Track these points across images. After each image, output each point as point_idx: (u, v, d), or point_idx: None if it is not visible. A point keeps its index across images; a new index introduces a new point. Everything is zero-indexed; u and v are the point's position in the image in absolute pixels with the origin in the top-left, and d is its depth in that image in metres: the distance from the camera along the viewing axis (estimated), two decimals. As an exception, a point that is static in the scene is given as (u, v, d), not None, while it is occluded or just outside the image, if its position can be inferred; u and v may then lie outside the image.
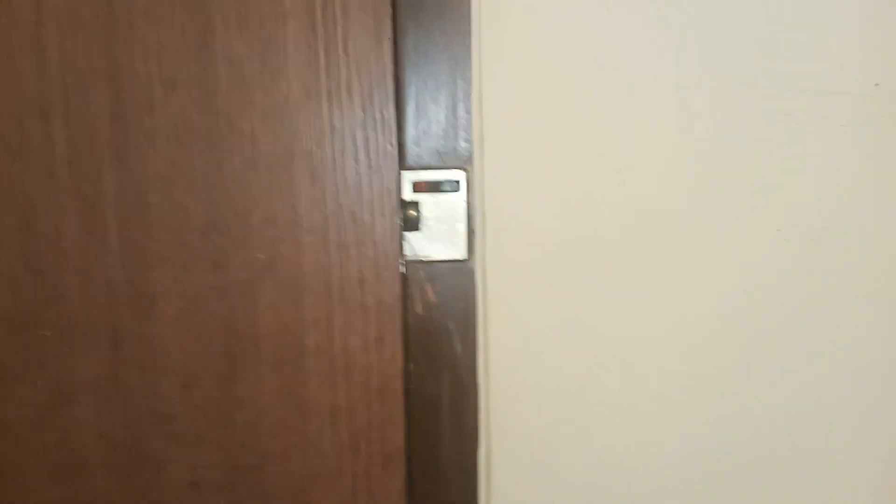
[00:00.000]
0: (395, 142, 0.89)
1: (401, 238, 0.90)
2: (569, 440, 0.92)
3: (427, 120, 0.89)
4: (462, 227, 0.89)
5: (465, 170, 0.89)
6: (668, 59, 0.86)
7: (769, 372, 0.91)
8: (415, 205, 0.90)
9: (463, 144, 0.89)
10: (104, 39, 0.89)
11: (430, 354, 0.90)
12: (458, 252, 0.89)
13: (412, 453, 0.91)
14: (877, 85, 0.84)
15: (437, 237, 0.89)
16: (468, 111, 0.89)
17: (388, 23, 0.88)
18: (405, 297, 0.90)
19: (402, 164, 0.89)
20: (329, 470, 0.91)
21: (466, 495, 0.92)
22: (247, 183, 0.90)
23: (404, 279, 0.90)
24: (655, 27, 0.86)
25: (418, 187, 0.89)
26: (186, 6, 0.89)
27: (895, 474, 0.93)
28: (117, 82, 0.90)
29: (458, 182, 0.89)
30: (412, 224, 0.90)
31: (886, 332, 0.91)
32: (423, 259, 0.89)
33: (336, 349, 0.90)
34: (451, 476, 0.92)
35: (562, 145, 0.87)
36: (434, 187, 0.89)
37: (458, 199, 0.89)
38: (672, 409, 0.92)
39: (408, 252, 0.89)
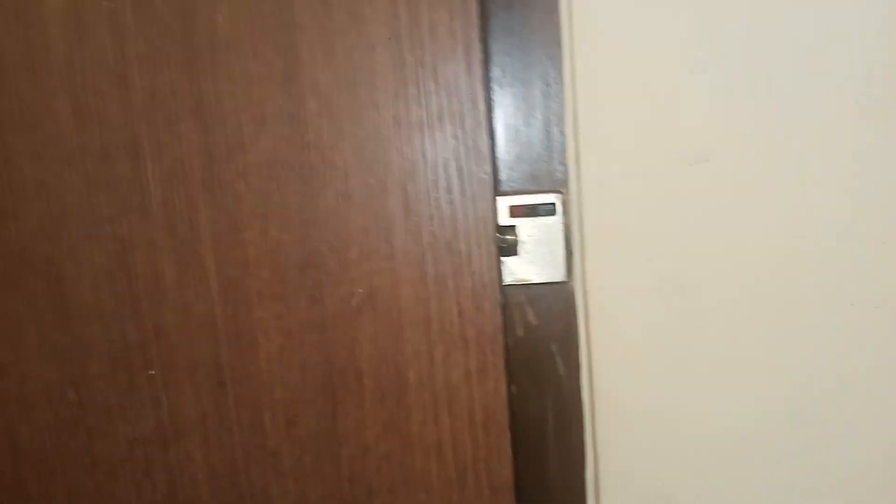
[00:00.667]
0: (489, 170, 0.86)
1: (499, 267, 0.88)
2: (675, 457, 0.90)
3: (520, 144, 0.88)
4: (560, 249, 0.88)
5: (560, 192, 0.88)
6: (761, 63, 0.82)
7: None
8: (512, 229, 0.89)
9: (558, 167, 0.88)
10: (188, 75, 0.89)
11: (533, 376, 0.89)
12: (556, 274, 0.88)
13: (518, 475, 0.90)
14: None
15: (535, 260, 0.89)
16: (562, 132, 0.87)
17: (477, 46, 0.85)
18: (506, 323, 0.89)
19: (498, 190, 0.88)
20: (437, 504, 0.91)
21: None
22: (341, 217, 0.88)
23: (504, 305, 0.89)
24: (751, 30, 0.82)
25: (515, 212, 0.88)
26: (270, 38, 0.87)
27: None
28: (206, 119, 0.89)
29: (553, 205, 0.88)
30: (510, 248, 0.89)
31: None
32: (523, 282, 0.89)
33: (438, 382, 0.89)
34: (559, 498, 0.91)
35: (657, 162, 0.85)
36: (530, 211, 0.88)
37: (554, 222, 0.88)
38: (776, 433, 0.90)
39: (507, 276, 0.89)
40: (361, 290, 0.89)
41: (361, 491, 0.92)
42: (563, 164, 0.88)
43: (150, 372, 0.93)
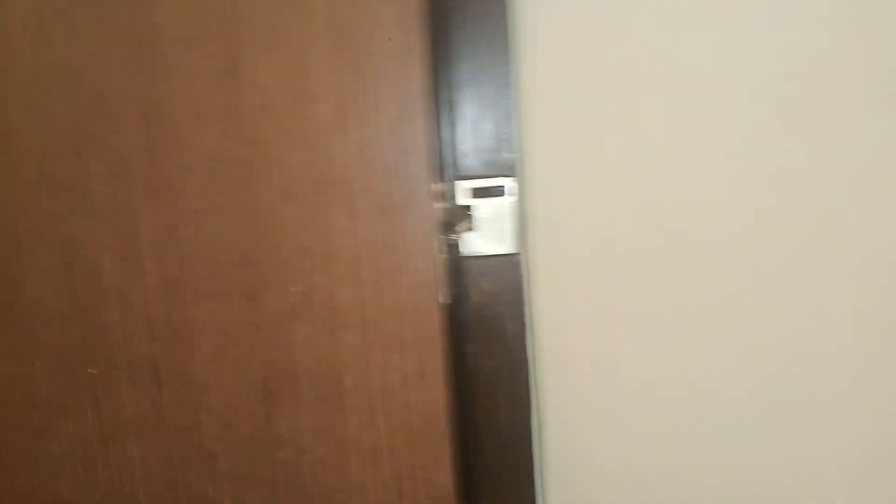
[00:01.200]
0: (428, 165, 0.83)
1: (439, 266, 0.85)
2: (611, 404, 1.01)
3: (478, 136, 0.96)
4: (509, 226, 0.97)
5: (511, 176, 0.97)
6: (691, 66, 0.93)
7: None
8: (469, 208, 0.97)
9: (509, 155, 0.96)
10: (133, 71, 0.88)
11: (486, 335, 0.99)
12: (507, 247, 0.97)
13: (474, 422, 0.98)
14: None
15: (489, 235, 0.98)
16: (510, 126, 0.96)
17: (416, 38, 0.82)
18: (464, 291, 0.96)
19: (458, 174, 0.97)
20: (370, 513, 0.88)
21: (522, 455, 0.99)
22: (280, 214, 0.86)
23: (461, 276, 0.96)
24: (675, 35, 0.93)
25: (472, 193, 0.97)
26: (213, 31, 0.86)
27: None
28: (149, 116, 0.88)
29: (504, 187, 0.97)
30: (468, 225, 0.97)
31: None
32: (479, 254, 0.98)
33: (375, 386, 0.86)
34: (509, 441, 0.99)
35: (594, 151, 0.96)
36: (485, 192, 0.97)
37: (505, 202, 0.97)
38: (696, 382, 0.99)
39: (464, 249, 0.98)
40: (297, 290, 0.86)
41: (297, 495, 0.89)
42: (513, 152, 0.96)
43: (91, 370, 0.92)
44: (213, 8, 0.86)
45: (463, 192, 0.97)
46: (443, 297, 0.87)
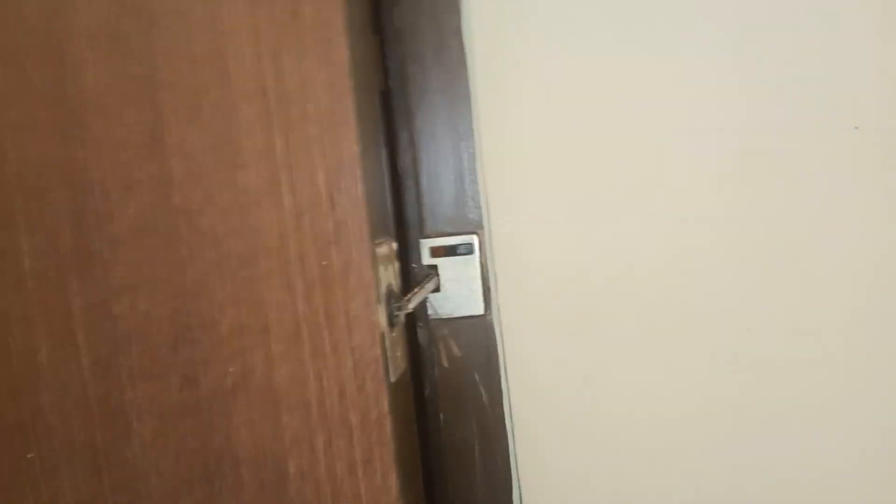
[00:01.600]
0: (367, 232, 0.77)
1: (383, 342, 0.78)
2: (592, 474, 0.96)
3: (439, 192, 0.92)
4: (478, 286, 0.92)
5: (476, 234, 0.92)
6: (650, 116, 0.88)
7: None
8: (434, 268, 0.93)
9: (472, 211, 0.92)
10: (60, 141, 0.82)
11: (458, 404, 0.93)
12: (476, 308, 0.93)
13: (446, 500, 0.92)
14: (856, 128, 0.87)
15: (456, 296, 0.92)
16: (474, 182, 0.92)
17: (349, 98, 0.75)
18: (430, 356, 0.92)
19: (421, 233, 0.93)
20: None
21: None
22: (212, 288, 0.80)
23: (429, 340, 0.93)
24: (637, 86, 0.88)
25: (436, 252, 0.93)
26: (135, 98, 0.80)
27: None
28: (75, 186, 0.83)
29: (471, 245, 0.92)
30: (433, 286, 0.91)
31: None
32: (445, 317, 0.93)
33: (321, 474, 0.79)
34: None
35: (560, 205, 0.92)
36: (450, 251, 0.92)
37: (472, 261, 0.92)
38: (675, 444, 0.94)
39: (430, 311, 0.93)
40: (234, 370, 0.80)
41: (243, 593, 0.83)
42: (478, 208, 0.93)
43: (29, 455, 0.87)
44: (134, 74, 0.80)
45: (426, 252, 0.92)
46: (392, 375, 0.80)
